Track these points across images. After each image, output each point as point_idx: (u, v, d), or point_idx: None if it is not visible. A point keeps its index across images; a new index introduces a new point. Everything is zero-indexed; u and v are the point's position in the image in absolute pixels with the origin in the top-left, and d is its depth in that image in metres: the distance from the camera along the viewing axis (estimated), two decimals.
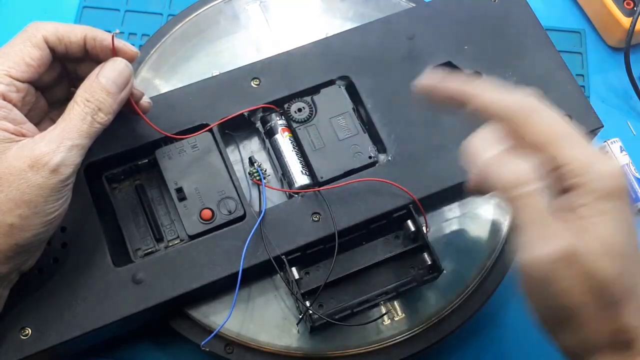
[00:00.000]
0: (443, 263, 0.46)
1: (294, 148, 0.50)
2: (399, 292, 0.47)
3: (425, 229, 0.47)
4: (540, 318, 0.34)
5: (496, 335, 0.53)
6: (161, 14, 0.64)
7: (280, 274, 0.46)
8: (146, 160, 0.49)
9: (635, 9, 0.62)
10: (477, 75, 0.53)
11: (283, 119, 0.51)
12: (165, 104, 0.49)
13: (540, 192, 0.32)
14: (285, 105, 0.51)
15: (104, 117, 0.41)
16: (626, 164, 0.59)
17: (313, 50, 0.53)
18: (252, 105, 0.50)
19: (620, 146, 0.60)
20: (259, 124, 0.52)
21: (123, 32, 0.62)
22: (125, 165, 0.49)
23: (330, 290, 0.46)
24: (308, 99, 0.51)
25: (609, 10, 0.63)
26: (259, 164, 0.50)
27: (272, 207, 0.48)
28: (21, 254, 0.39)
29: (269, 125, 0.51)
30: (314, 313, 0.44)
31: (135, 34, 0.63)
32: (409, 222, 0.47)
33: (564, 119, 0.34)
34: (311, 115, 0.51)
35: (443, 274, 0.47)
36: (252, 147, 0.53)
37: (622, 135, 0.61)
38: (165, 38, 0.56)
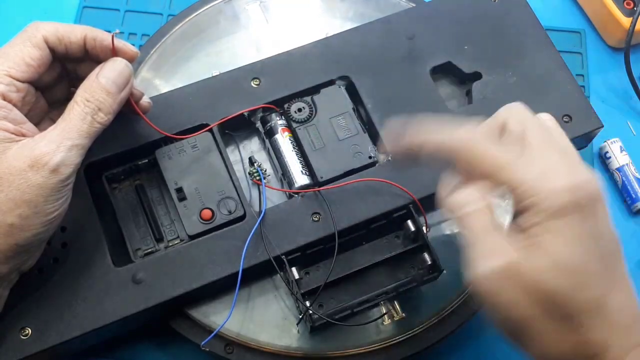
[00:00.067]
0: (443, 263, 0.46)
1: (294, 148, 0.50)
2: (399, 292, 0.47)
3: (425, 229, 0.47)
4: (500, 330, 0.35)
5: (496, 336, 0.53)
6: (161, 14, 0.64)
7: (280, 274, 0.46)
8: (146, 160, 0.49)
9: (635, 9, 0.62)
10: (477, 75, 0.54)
11: (283, 119, 0.51)
12: (165, 104, 0.49)
13: (484, 211, 0.34)
14: (285, 105, 0.51)
15: (104, 117, 0.41)
16: (626, 164, 0.59)
17: (313, 50, 0.53)
18: (252, 105, 0.50)
19: (620, 146, 0.60)
20: (259, 124, 0.52)
21: (123, 32, 0.62)
22: (125, 165, 0.49)
23: (330, 290, 0.46)
24: (308, 99, 0.51)
25: (609, 10, 0.63)
26: (259, 164, 0.50)
27: (272, 207, 0.48)
28: (21, 254, 0.39)
29: (269, 125, 0.51)
30: (314, 313, 0.44)
31: (135, 34, 0.63)
32: (409, 222, 0.47)
33: (508, 147, 0.35)
34: (311, 115, 0.51)
35: (443, 274, 0.47)
36: (252, 147, 0.53)
37: (622, 135, 0.61)
38: (165, 38, 0.56)
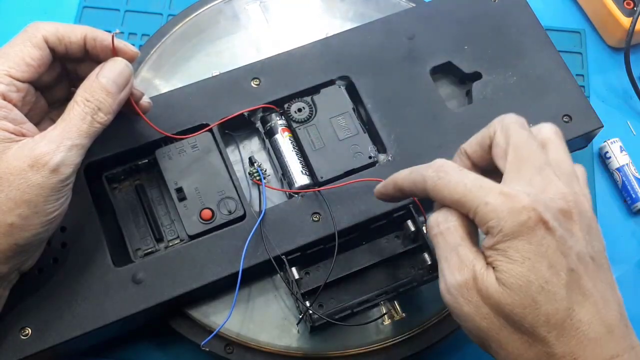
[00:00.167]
0: None
1: (294, 148, 0.50)
2: (399, 292, 0.47)
3: (425, 229, 0.47)
4: (471, 337, 0.37)
5: None
6: (161, 14, 0.64)
7: (280, 274, 0.46)
8: (146, 160, 0.49)
9: (635, 9, 0.62)
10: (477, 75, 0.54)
11: (283, 119, 0.51)
12: (165, 104, 0.49)
13: (455, 230, 0.37)
14: (285, 105, 0.51)
15: (104, 117, 0.41)
16: (626, 164, 0.59)
17: (313, 50, 0.53)
18: (252, 105, 0.50)
19: (620, 146, 0.60)
20: (259, 124, 0.52)
21: (123, 32, 0.62)
22: (125, 165, 0.49)
23: (330, 290, 0.46)
24: (308, 99, 0.51)
25: (609, 10, 0.63)
26: (259, 164, 0.50)
27: (272, 207, 0.48)
28: (21, 254, 0.39)
29: (269, 125, 0.51)
30: (314, 313, 0.44)
31: (135, 34, 0.63)
32: (409, 222, 0.47)
33: (467, 174, 0.37)
34: (311, 115, 0.51)
35: None
36: (252, 147, 0.53)
37: (622, 135, 0.61)
38: (165, 38, 0.56)
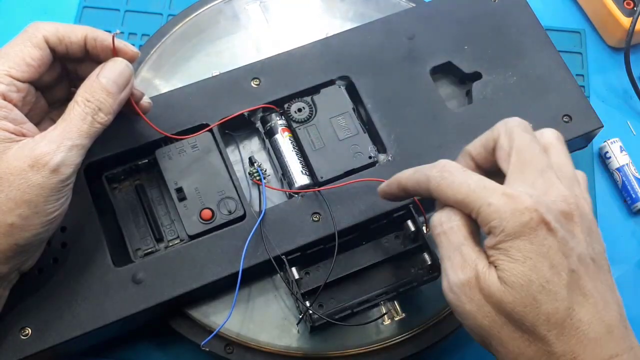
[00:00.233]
0: None
1: (294, 148, 0.50)
2: (399, 292, 0.47)
3: (425, 229, 0.47)
4: (472, 336, 0.38)
5: None
6: (161, 14, 0.64)
7: (280, 274, 0.46)
8: (146, 160, 0.49)
9: (635, 9, 0.62)
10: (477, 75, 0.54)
11: (283, 119, 0.51)
12: (165, 104, 0.49)
13: (458, 229, 0.37)
14: (285, 105, 0.51)
15: (104, 117, 0.41)
16: (626, 164, 0.59)
17: (313, 50, 0.53)
18: (252, 105, 0.50)
19: (620, 146, 0.60)
20: (259, 124, 0.52)
21: (123, 32, 0.62)
22: (125, 165, 0.49)
23: (330, 290, 0.46)
24: (308, 99, 0.51)
25: (609, 10, 0.63)
26: (259, 164, 0.50)
27: (272, 207, 0.48)
28: (21, 254, 0.39)
29: (269, 125, 0.51)
30: (314, 313, 0.44)
31: (135, 34, 0.63)
32: (409, 222, 0.47)
33: (471, 175, 0.38)
34: (311, 115, 0.51)
35: None
36: (252, 147, 0.53)
37: (622, 135, 0.61)
38: (165, 38, 0.56)
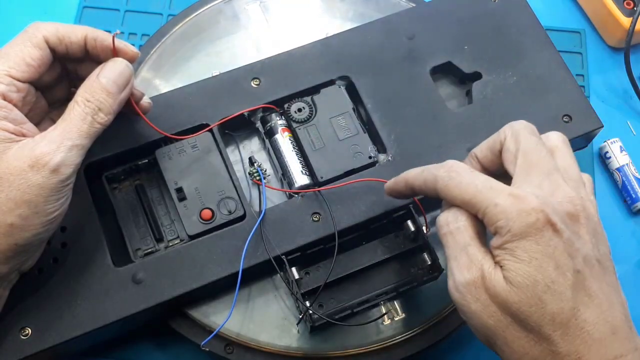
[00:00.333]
0: (443, 263, 0.46)
1: (294, 148, 0.50)
2: (399, 292, 0.47)
3: (425, 229, 0.47)
4: (477, 335, 0.38)
5: None
6: (161, 14, 0.64)
7: (280, 274, 0.46)
8: (146, 160, 0.49)
9: (635, 9, 0.62)
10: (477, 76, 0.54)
11: (283, 119, 0.51)
12: (165, 104, 0.49)
13: (464, 229, 0.38)
14: (285, 105, 0.51)
15: (104, 117, 0.41)
16: (626, 164, 0.59)
17: (313, 50, 0.53)
18: (252, 105, 0.50)
19: (620, 146, 0.60)
20: (259, 124, 0.52)
21: (123, 32, 0.62)
22: (125, 165, 0.49)
23: (330, 290, 0.46)
24: (308, 99, 0.51)
25: (609, 10, 0.63)
26: (259, 164, 0.50)
27: (272, 207, 0.48)
28: (21, 254, 0.39)
29: (269, 125, 0.51)
30: (314, 313, 0.44)
31: (135, 34, 0.63)
32: (409, 222, 0.47)
33: (478, 176, 0.38)
34: (311, 115, 0.51)
35: (443, 274, 0.47)
36: (252, 147, 0.53)
37: (622, 135, 0.61)
38: (165, 38, 0.56)
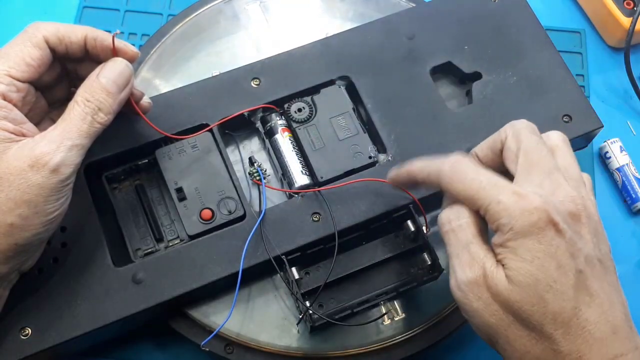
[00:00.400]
0: (443, 263, 0.46)
1: (294, 148, 0.50)
2: (399, 292, 0.47)
3: (425, 229, 0.47)
4: (478, 334, 0.38)
5: None
6: (161, 14, 0.64)
7: (280, 274, 0.46)
8: (146, 160, 0.49)
9: (635, 9, 0.62)
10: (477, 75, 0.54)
11: (283, 119, 0.51)
12: (165, 104, 0.49)
13: (466, 227, 0.38)
14: (285, 105, 0.51)
15: (104, 117, 0.41)
16: (626, 164, 0.59)
17: (313, 50, 0.53)
18: (252, 105, 0.50)
19: (620, 146, 0.60)
20: (259, 124, 0.52)
21: (123, 32, 0.62)
22: (125, 165, 0.49)
23: (330, 290, 0.46)
24: (308, 99, 0.51)
25: (609, 10, 0.63)
26: (259, 164, 0.50)
27: (272, 207, 0.48)
28: (21, 254, 0.39)
29: (269, 125, 0.51)
30: (314, 313, 0.44)
31: (135, 34, 0.63)
32: (409, 222, 0.47)
33: (483, 172, 0.38)
34: (311, 115, 0.51)
35: (443, 274, 0.47)
36: (252, 147, 0.53)
37: (622, 135, 0.61)
38: (165, 38, 0.56)
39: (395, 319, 0.48)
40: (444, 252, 0.47)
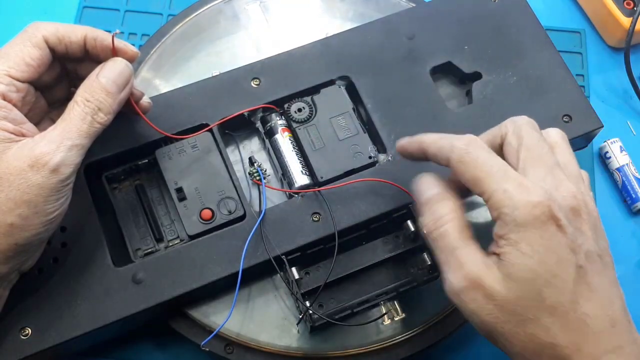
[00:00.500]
0: None
1: (294, 148, 0.50)
2: (399, 292, 0.47)
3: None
4: (478, 331, 0.38)
5: None
6: (161, 14, 0.64)
7: (280, 274, 0.46)
8: (146, 160, 0.49)
9: (635, 9, 0.62)
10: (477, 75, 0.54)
11: (283, 119, 0.51)
12: (165, 104, 0.49)
13: (452, 227, 0.38)
14: (285, 105, 0.51)
15: (104, 117, 0.41)
16: (626, 164, 0.59)
17: (313, 50, 0.53)
18: (252, 105, 0.50)
19: (620, 146, 0.60)
20: (259, 124, 0.52)
21: (123, 32, 0.62)
22: (125, 165, 0.49)
23: (330, 290, 0.46)
24: (308, 99, 0.51)
25: (609, 10, 0.63)
26: (259, 164, 0.50)
27: (272, 207, 0.48)
28: (21, 254, 0.39)
29: (269, 125, 0.51)
30: (314, 313, 0.44)
31: (135, 34, 0.63)
32: (409, 222, 0.47)
33: (495, 158, 0.38)
34: (311, 115, 0.51)
35: None
36: (252, 147, 0.53)
37: (622, 135, 0.61)
38: (165, 38, 0.56)
39: (395, 319, 0.48)
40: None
